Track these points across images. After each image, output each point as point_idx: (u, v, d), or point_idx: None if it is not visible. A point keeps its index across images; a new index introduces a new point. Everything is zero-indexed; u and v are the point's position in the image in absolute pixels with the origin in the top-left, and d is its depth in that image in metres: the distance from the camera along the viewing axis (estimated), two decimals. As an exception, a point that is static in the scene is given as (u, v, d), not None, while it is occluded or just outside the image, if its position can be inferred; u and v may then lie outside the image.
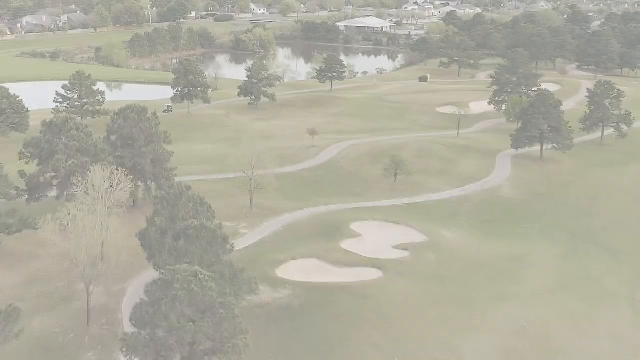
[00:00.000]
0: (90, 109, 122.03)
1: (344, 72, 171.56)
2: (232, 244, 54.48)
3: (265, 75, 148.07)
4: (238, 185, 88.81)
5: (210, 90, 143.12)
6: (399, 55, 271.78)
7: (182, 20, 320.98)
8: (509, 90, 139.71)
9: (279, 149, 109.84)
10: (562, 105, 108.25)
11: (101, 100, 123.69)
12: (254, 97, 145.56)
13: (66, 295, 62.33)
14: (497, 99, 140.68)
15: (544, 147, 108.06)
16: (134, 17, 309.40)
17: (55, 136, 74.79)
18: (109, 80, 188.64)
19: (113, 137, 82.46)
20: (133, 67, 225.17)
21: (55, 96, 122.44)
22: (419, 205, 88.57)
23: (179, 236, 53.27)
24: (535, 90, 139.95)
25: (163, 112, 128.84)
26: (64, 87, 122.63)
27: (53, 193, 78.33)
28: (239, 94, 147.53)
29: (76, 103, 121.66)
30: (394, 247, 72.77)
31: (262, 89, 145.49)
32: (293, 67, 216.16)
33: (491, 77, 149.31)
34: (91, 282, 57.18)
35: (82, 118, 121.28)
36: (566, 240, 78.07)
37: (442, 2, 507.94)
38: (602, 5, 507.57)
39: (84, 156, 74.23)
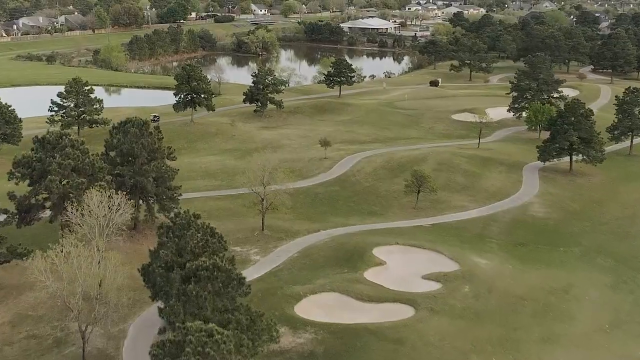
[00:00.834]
0: (88, 118, 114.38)
1: (353, 76, 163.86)
2: (249, 286, 47.31)
3: (271, 80, 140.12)
4: (247, 203, 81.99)
5: (213, 95, 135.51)
6: (404, 58, 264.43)
7: (182, 21, 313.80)
8: (529, 97, 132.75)
9: (289, 161, 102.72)
10: (593, 114, 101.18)
11: (99, 108, 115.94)
12: (260, 104, 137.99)
13: (59, 338, 55.13)
14: (516, 105, 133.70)
15: (573, 158, 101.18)
16: (133, 18, 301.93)
17: (48, 154, 67.65)
18: (107, 84, 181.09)
19: (112, 154, 75.55)
20: (132, 71, 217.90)
21: (51, 105, 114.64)
22: (445, 226, 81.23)
23: (189, 278, 46.10)
24: (557, 97, 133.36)
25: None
26: (59, 94, 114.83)
27: (46, 214, 71.32)
28: (244, 101, 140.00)
29: (72, 112, 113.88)
30: (423, 278, 65.67)
31: (269, 95, 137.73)
32: (297, 71, 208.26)
33: (510, 82, 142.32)
34: (87, 326, 50.18)
35: (79, 128, 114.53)
36: (611, 267, 70.89)
37: (445, 3, 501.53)
38: (606, 5, 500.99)
39: (80, 176, 67.22)
